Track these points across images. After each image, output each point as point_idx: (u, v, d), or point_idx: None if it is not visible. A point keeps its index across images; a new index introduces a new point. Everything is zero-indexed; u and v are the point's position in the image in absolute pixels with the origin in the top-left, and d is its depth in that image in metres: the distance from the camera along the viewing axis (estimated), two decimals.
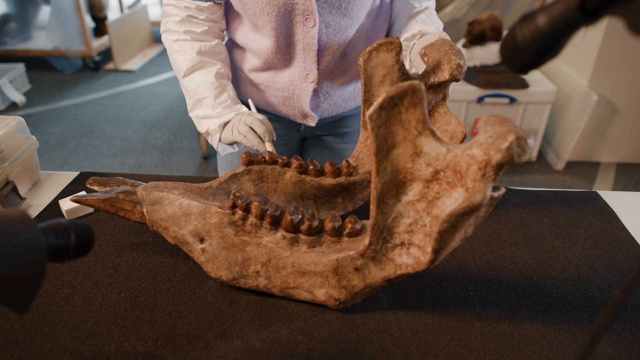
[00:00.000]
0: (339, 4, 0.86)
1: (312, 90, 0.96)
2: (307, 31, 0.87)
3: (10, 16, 4.05)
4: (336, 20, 0.88)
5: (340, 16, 0.88)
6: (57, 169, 2.69)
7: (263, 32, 0.89)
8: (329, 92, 0.99)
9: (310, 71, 0.93)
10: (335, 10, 0.86)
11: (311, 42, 0.88)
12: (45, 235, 0.41)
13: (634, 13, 0.33)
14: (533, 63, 0.41)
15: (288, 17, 0.86)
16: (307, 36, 0.88)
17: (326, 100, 1.01)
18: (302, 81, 0.95)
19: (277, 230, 0.65)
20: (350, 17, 0.89)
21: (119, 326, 0.64)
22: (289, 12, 0.85)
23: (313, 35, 0.87)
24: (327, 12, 0.86)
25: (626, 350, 0.61)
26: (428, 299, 0.69)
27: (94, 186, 0.74)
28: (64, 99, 3.59)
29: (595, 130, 2.59)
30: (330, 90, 0.99)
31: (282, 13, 0.84)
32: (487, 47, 2.54)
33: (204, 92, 0.91)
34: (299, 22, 0.86)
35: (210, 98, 0.91)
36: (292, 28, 0.88)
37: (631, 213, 0.90)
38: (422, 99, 0.51)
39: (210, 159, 2.78)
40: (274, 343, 0.62)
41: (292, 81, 0.96)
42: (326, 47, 0.91)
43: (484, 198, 0.48)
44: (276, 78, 0.97)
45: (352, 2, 0.87)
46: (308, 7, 0.83)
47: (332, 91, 1.00)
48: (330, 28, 0.88)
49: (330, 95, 1.00)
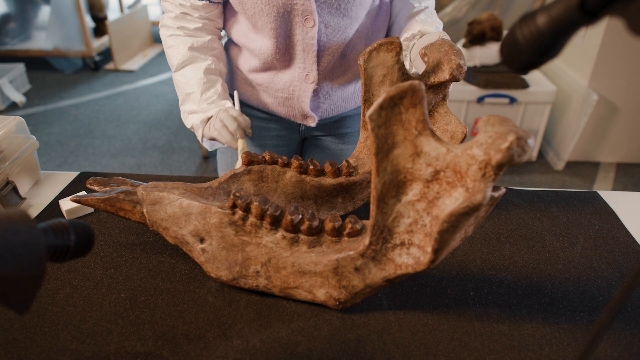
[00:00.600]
0: (338, 4, 0.86)
1: (312, 91, 0.96)
2: (306, 32, 0.87)
3: (10, 16, 4.05)
4: (335, 20, 0.88)
5: (339, 16, 0.88)
6: (57, 169, 2.69)
7: (262, 32, 0.89)
8: (329, 92, 0.99)
9: (310, 72, 0.93)
10: (334, 11, 0.86)
11: (311, 43, 0.88)
12: (45, 235, 0.41)
13: (634, 13, 0.33)
14: (533, 63, 0.41)
15: (287, 18, 0.85)
16: (307, 37, 0.88)
17: (326, 101, 1.01)
18: (302, 82, 0.95)
19: (277, 230, 0.65)
20: (350, 17, 0.89)
21: (119, 326, 0.64)
22: (288, 13, 0.85)
23: (312, 36, 0.87)
24: (326, 12, 0.86)
25: (626, 350, 0.61)
26: (428, 299, 0.69)
27: (94, 186, 0.74)
28: (64, 99, 3.59)
29: (595, 130, 2.59)
30: (330, 91, 0.99)
31: (282, 14, 0.84)
32: (487, 47, 2.54)
33: (192, 87, 0.91)
34: (299, 23, 0.86)
35: (197, 93, 0.91)
36: (291, 29, 0.88)
37: (631, 213, 0.90)
38: (422, 99, 0.51)
39: (210, 159, 2.78)
40: (274, 343, 0.62)
41: (292, 82, 0.96)
42: (326, 47, 0.91)
43: (484, 198, 0.48)
44: (276, 79, 0.97)
45: (351, 2, 0.86)
46: (307, 7, 0.83)
47: (332, 91, 1.00)
48: (330, 28, 0.88)
49: (330, 95, 1.00)
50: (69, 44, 3.88)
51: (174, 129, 3.15)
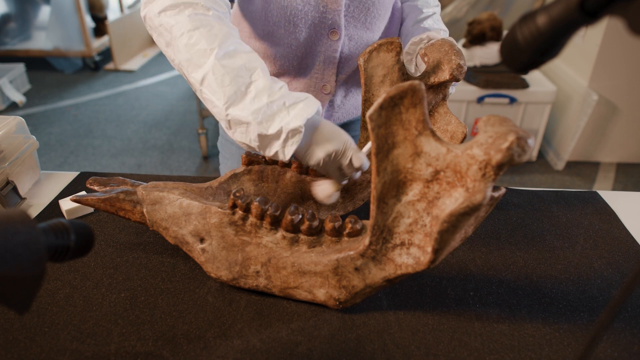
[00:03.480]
0: (364, 18, 0.85)
1: (327, 101, 0.94)
2: (330, 44, 0.85)
3: (10, 16, 4.05)
4: (359, 33, 0.87)
5: (363, 29, 0.87)
6: (57, 169, 2.69)
7: (281, 39, 0.86)
8: (343, 101, 0.98)
9: (328, 82, 0.91)
10: (360, 24, 0.86)
11: (333, 56, 0.87)
12: (45, 235, 0.41)
13: (634, 13, 0.33)
14: (533, 63, 0.41)
15: (312, 29, 0.84)
16: (330, 49, 0.86)
17: (340, 110, 1.00)
18: (319, 92, 0.93)
19: (277, 230, 0.65)
20: (373, 30, 0.89)
21: (119, 326, 0.64)
22: (314, 25, 0.83)
23: (336, 49, 0.86)
24: (352, 25, 0.85)
25: (626, 350, 0.61)
26: (428, 299, 0.69)
27: (94, 186, 0.74)
28: (64, 99, 3.59)
29: (595, 130, 2.59)
30: (344, 100, 0.98)
31: (308, 25, 0.83)
32: (487, 47, 2.54)
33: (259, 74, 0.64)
34: (324, 35, 0.84)
35: (268, 81, 0.64)
36: (314, 40, 0.85)
37: (631, 213, 0.90)
38: (422, 99, 0.51)
39: (210, 159, 2.78)
40: (274, 343, 0.62)
41: (308, 91, 0.92)
42: (347, 59, 0.90)
43: (484, 198, 0.48)
44: (290, 87, 0.93)
45: (376, 16, 0.86)
46: (336, 21, 0.82)
47: (345, 100, 0.98)
48: (353, 41, 0.88)
49: (344, 104, 0.99)
50: (69, 44, 3.88)
51: (174, 129, 3.15)
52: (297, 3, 0.80)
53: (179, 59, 0.65)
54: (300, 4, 0.80)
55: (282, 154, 0.63)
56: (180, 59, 0.65)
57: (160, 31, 0.66)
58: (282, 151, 0.62)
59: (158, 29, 0.67)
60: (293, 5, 0.80)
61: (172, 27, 0.64)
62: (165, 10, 0.65)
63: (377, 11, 0.87)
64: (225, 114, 0.62)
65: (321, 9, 0.81)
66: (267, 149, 0.63)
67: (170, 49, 0.66)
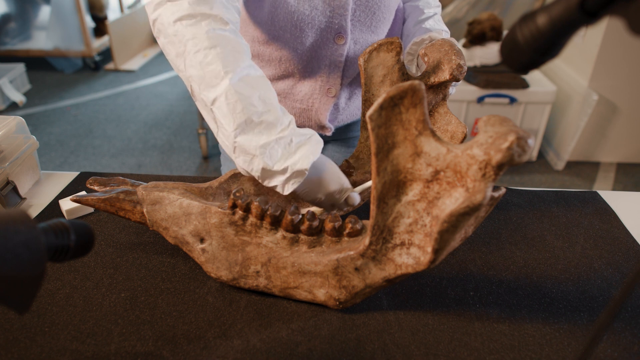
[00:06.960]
0: (370, 22, 0.86)
1: (332, 104, 0.94)
2: (336, 48, 0.86)
3: (10, 16, 4.04)
4: (364, 37, 0.88)
5: (369, 33, 0.88)
6: (57, 169, 2.69)
7: (287, 43, 0.86)
8: (347, 103, 0.98)
9: (333, 85, 0.91)
10: (365, 28, 0.86)
11: (339, 60, 0.87)
12: (46, 235, 0.41)
13: (634, 13, 0.33)
14: (533, 63, 0.41)
15: (319, 34, 0.84)
16: (336, 53, 0.87)
17: (344, 112, 1.00)
18: (324, 95, 0.93)
19: (277, 230, 0.65)
20: (377, 33, 0.89)
21: (119, 326, 0.64)
22: (321, 29, 0.83)
23: (342, 53, 0.86)
24: (358, 29, 0.86)
25: (626, 350, 0.61)
26: (428, 299, 0.69)
27: (94, 186, 0.74)
28: (64, 99, 3.59)
29: (595, 130, 2.59)
30: (348, 101, 0.99)
31: (315, 30, 0.83)
32: (487, 47, 2.54)
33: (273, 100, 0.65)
34: (330, 39, 0.85)
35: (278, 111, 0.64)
36: (320, 44, 0.86)
37: (631, 213, 0.90)
38: (422, 99, 0.51)
39: (210, 159, 2.78)
40: (274, 343, 0.62)
41: (312, 94, 0.93)
42: (352, 63, 0.90)
43: (484, 198, 0.48)
44: (294, 90, 0.94)
45: (381, 19, 0.87)
46: (342, 25, 0.82)
47: (349, 102, 0.99)
48: (358, 45, 0.88)
49: (348, 106, 0.99)
50: (69, 44, 3.88)
51: (174, 129, 3.15)
52: (305, 8, 0.80)
53: (190, 73, 0.63)
54: (308, 9, 0.80)
55: (281, 189, 0.63)
56: (192, 74, 0.63)
57: (173, 40, 0.64)
58: (282, 187, 0.63)
59: (170, 38, 0.64)
60: (300, 10, 0.80)
61: (187, 41, 0.62)
62: (181, 19, 0.62)
63: (383, 14, 0.87)
64: (234, 141, 0.62)
65: (328, 13, 0.81)
66: (268, 181, 0.63)
67: (180, 60, 0.64)
